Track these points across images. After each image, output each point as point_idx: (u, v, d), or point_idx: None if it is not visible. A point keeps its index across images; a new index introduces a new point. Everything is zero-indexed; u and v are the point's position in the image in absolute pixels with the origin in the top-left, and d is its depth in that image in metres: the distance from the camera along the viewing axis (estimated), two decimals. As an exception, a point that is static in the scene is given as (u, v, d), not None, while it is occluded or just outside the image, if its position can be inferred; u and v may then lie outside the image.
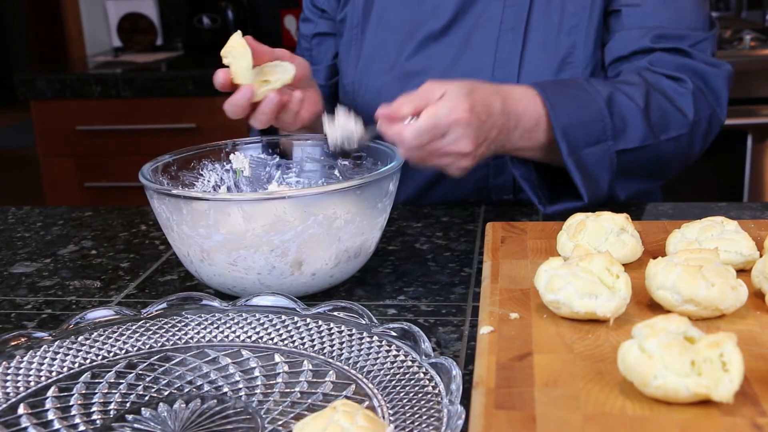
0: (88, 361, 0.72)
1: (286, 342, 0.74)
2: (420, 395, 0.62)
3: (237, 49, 0.93)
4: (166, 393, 0.67)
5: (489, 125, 0.91)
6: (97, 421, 0.64)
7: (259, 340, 0.74)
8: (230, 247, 0.81)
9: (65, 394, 0.67)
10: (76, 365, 0.71)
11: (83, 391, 0.67)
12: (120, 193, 2.61)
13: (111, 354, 0.73)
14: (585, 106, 0.98)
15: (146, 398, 0.67)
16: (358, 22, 1.19)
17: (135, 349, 0.74)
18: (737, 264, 0.77)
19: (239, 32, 0.94)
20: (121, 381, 0.69)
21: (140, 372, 0.70)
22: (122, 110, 2.56)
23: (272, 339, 0.74)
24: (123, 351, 0.73)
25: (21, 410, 0.65)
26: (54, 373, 0.70)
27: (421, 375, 0.65)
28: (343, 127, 0.93)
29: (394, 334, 0.71)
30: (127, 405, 0.66)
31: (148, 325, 0.77)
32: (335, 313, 0.76)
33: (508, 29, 1.10)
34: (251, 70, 0.93)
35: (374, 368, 0.68)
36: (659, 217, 1.07)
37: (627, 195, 1.05)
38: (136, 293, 0.90)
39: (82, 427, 0.63)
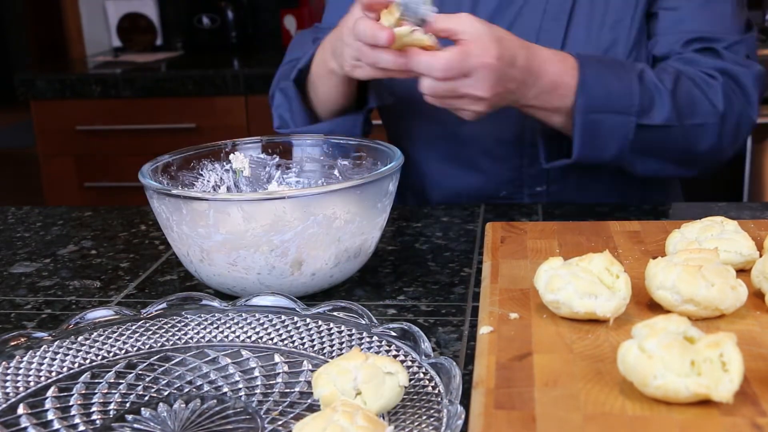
0: (87, 361, 0.72)
1: (285, 342, 0.74)
2: (420, 395, 0.62)
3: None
4: (165, 393, 0.67)
5: (510, 76, 0.93)
6: (97, 421, 0.64)
7: (259, 340, 0.74)
8: (230, 247, 0.81)
9: (65, 394, 0.67)
10: (76, 365, 0.71)
11: (83, 391, 0.67)
12: (120, 193, 2.61)
13: (111, 354, 0.73)
14: (618, 77, 1.00)
15: (146, 398, 0.67)
16: None
17: (135, 349, 0.74)
18: (737, 264, 0.77)
19: None
20: (120, 381, 0.69)
21: (140, 372, 0.70)
22: (122, 110, 2.56)
23: (272, 339, 0.74)
24: (123, 351, 0.73)
25: (21, 410, 0.65)
26: (54, 373, 0.70)
27: (421, 375, 0.65)
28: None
29: (393, 334, 0.71)
30: (127, 405, 0.66)
31: (147, 325, 0.77)
32: (335, 313, 0.76)
33: (551, 19, 1.11)
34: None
35: (374, 368, 0.68)
36: (659, 217, 1.07)
37: (645, 172, 1.06)
38: (136, 293, 0.90)
39: (81, 427, 0.63)
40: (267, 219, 0.79)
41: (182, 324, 0.77)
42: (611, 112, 0.99)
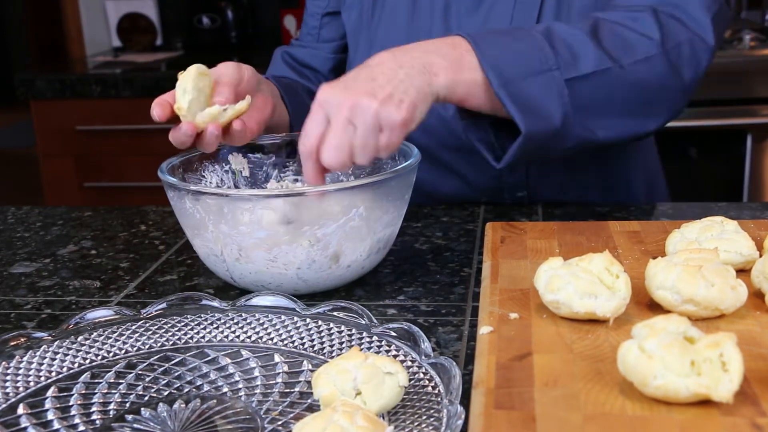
0: (87, 361, 0.72)
1: (285, 342, 0.74)
2: (420, 395, 0.62)
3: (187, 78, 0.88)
4: (165, 393, 0.67)
5: (364, 75, 0.84)
6: (97, 421, 0.64)
7: (259, 340, 0.74)
8: (272, 243, 0.81)
9: (65, 394, 0.67)
10: (76, 365, 0.71)
11: (83, 391, 0.67)
12: (120, 193, 2.61)
13: (111, 354, 0.73)
14: (518, 39, 0.93)
15: (146, 398, 0.67)
16: (369, 7, 1.19)
17: (135, 349, 0.74)
18: (737, 264, 0.77)
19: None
20: (120, 381, 0.69)
21: (140, 372, 0.70)
22: (122, 110, 2.56)
23: (272, 339, 0.74)
24: (123, 351, 0.73)
25: (21, 410, 0.65)
26: (54, 373, 0.70)
27: (421, 375, 0.65)
28: None
29: (393, 334, 0.71)
30: (127, 405, 0.66)
31: (147, 325, 0.77)
32: (335, 313, 0.76)
33: (522, 11, 1.10)
34: (193, 91, 0.88)
35: (374, 368, 0.68)
36: (659, 217, 1.07)
37: (609, 136, 0.97)
38: (136, 293, 0.90)
39: (81, 427, 0.63)
40: (312, 213, 0.80)
41: (182, 324, 0.77)
42: (529, 75, 0.90)
